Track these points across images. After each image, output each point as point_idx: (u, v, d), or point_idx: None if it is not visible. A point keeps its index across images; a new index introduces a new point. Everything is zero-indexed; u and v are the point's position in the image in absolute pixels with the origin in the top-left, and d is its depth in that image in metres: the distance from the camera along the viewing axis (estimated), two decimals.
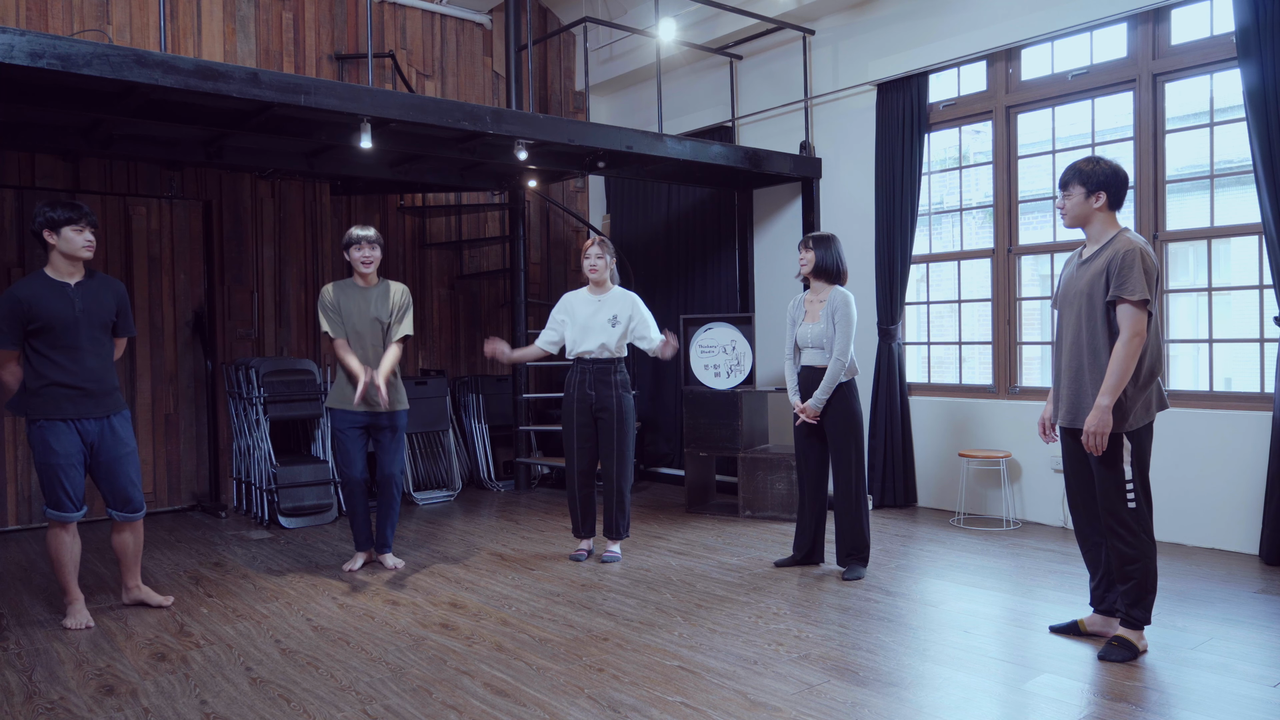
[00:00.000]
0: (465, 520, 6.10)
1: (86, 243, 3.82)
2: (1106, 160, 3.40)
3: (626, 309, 4.85)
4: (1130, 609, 3.33)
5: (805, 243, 4.62)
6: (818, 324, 4.51)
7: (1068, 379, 3.44)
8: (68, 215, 3.76)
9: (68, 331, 3.76)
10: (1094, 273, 3.34)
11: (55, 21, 5.88)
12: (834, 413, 4.46)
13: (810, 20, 6.54)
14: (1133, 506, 3.28)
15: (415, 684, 3.20)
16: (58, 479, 3.79)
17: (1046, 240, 5.66)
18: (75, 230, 3.78)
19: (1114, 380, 3.22)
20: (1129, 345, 3.22)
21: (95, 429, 3.87)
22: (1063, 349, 3.48)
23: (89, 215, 3.84)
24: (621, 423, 4.82)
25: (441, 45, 7.57)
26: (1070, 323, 3.44)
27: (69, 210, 3.77)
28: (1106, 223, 3.40)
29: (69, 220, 3.77)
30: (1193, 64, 4.92)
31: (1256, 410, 4.72)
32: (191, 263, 6.63)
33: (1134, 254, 3.24)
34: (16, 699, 3.14)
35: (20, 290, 3.73)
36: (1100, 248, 3.38)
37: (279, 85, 4.26)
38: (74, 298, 3.80)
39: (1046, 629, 3.63)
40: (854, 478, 4.46)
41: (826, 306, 4.50)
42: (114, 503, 3.98)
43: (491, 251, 7.93)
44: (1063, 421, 3.48)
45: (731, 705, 2.96)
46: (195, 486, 6.63)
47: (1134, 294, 3.21)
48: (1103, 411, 3.23)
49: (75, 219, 3.78)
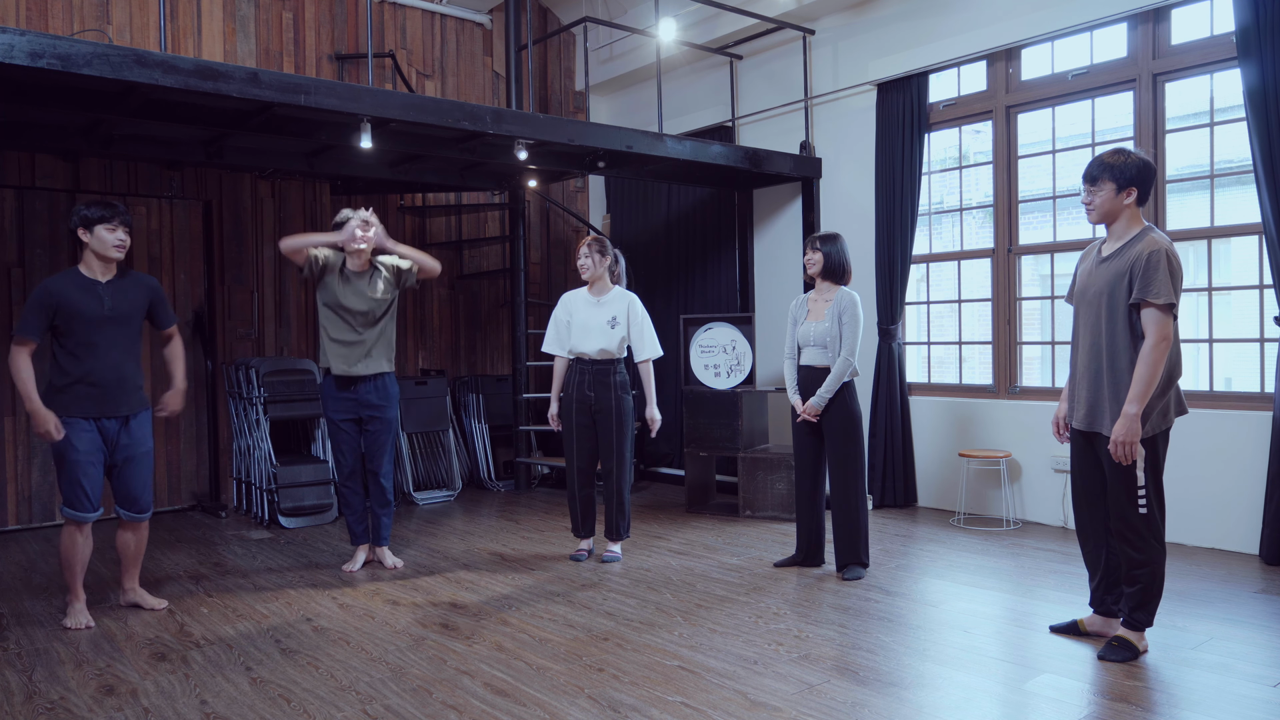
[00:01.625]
0: (465, 520, 6.10)
1: (118, 241, 3.86)
2: (1135, 153, 3.27)
3: (624, 310, 4.85)
4: (1134, 611, 3.31)
5: (812, 243, 4.59)
6: (822, 322, 4.49)
7: (1085, 381, 3.35)
8: (101, 214, 3.83)
9: (93, 328, 3.80)
10: (1115, 273, 3.25)
11: (55, 21, 5.88)
12: (834, 413, 4.46)
13: (810, 20, 6.54)
14: (1143, 512, 3.23)
15: (415, 684, 3.20)
16: (77, 478, 3.80)
17: (1047, 240, 5.66)
18: (108, 229, 3.83)
19: (1141, 387, 3.13)
20: (1155, 351, 3.12)
21: (115, 427, 3.89)
22: (1080, 349, 3.39)
23: (123, 214, 3.89)
24: (620, 423, 4.82)
25: (441, 45, 7.57)
26: (1088, 322, 3.35)
27: (103, 209, 3.84)
28: (1132, 219, 3.29)
29: (102, 219, 3.82)
30: (1193, 64, 4.92)
31: (1256, 410, 4.72)
32: (191, 263, 6.63)
33: (1160, 255, 3.14)
34: (16, 699, 3.14)
35: (52, 283, 3.80)
36: (1123, 245, 3.27)
37: (279, 85, 4.26)
38: (103, 295, 3.85)
39: (1046, 629, 3.63)
40: (853, 478, 4.45)
41: (833, 306, 4.49)
42: (122, 501, 4.00)
43: (491, 251, 7.93)
44: (1077, 423, 3.42)
45: (731, 705, 2.96)
46: (195, 486, 6.63)
47: (1160, 298, 3.11)
48: (1130, 420, 3.14)
49: (109, 217, 3.84)
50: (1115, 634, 3.37)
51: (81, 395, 3.80)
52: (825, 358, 4.47)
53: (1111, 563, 3.45)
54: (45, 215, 6.08)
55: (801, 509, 4.64)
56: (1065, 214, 5.58)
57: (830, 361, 4.45)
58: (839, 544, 4.50)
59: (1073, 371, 3.46)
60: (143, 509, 4.02)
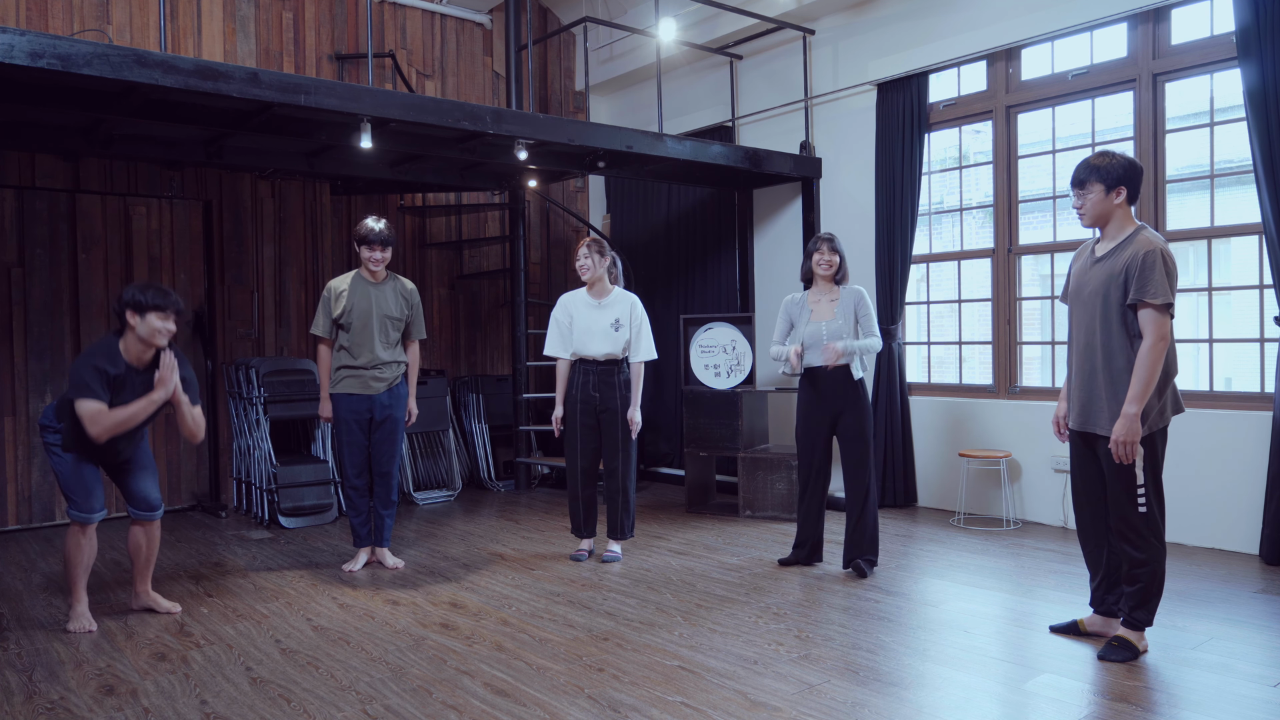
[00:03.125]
0: (465, 520, 6.10)
1: (166, 330, 3.76)
2: (1118, 154, 3.31)
3: (626, 312, 4.85)
4: (1134, 610, 3.31)
5: (830, 245, 4.55)
6: (834, 321, 4.48)
7: (1079, 381, 3.36)
8: (157, 302, 3.71)
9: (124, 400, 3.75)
10: (1110, 272, 3.25)
11: (55, 21, 5.88)
12: (852, 410, 4.46)
13: (810, 20, 6.54)
14: (1143, 511, 3.24)
15: (415, 684, 3.20)
16: (82, 480, 3.81)
17: (1047, 240, 5.66)
18: (160, 317, 3.73)
19: (1139, 387, 3.14)
20: (1154, 350, 3.13)
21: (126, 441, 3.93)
22: (1074, 349, 3.39)
23: (177, 305, 3.79)
24: (626, 422, 4.83)
25: (441, 45, 7.57)
26: (1083, 323, 3.35)
27: (159, 296, 3.72)
28: (1124, 219, 3.31)
29: (157, 308, 3.72)
30: (1193, 64, 4.92)
31: (1256, 410, 4.72)
32: (191, 263, 6.63)
33: (1155, 255, 3.15)
34: (16, 699, 3.14)
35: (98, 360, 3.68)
36: (1117, 245, 3.28)
37: (279, 85, 4.26)
38: (138, 386, 3.78)
39: (1046, 629, 3.63)
40: (869, 477, 4.45)
41: (843, 304, 4.50)
42: (133, 501, 4.01)
43: (491, 251, 7.93)
44: (1073, 424, 3.42)
45: (731, 705, 2.96)
46: (195, 486, 6.63)
47: (1157, 297, 3.12)
48: (1130, 420, 3.14)
49: (164, 307, 3.73)
50: (1115, 634, 3.37)
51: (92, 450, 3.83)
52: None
53: (1112, 562, 3.45)
54: (45, 215, 6.08)
55: (806, 506, 4.63)
56: (1065, 214, 5.57)
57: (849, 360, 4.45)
58: (856, 542, 4.48)
59: (1069, 372, 3.46)
60: (154, 506, 4.03)
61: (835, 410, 4.49)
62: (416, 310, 4.88)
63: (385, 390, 4.72)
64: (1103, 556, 3.48)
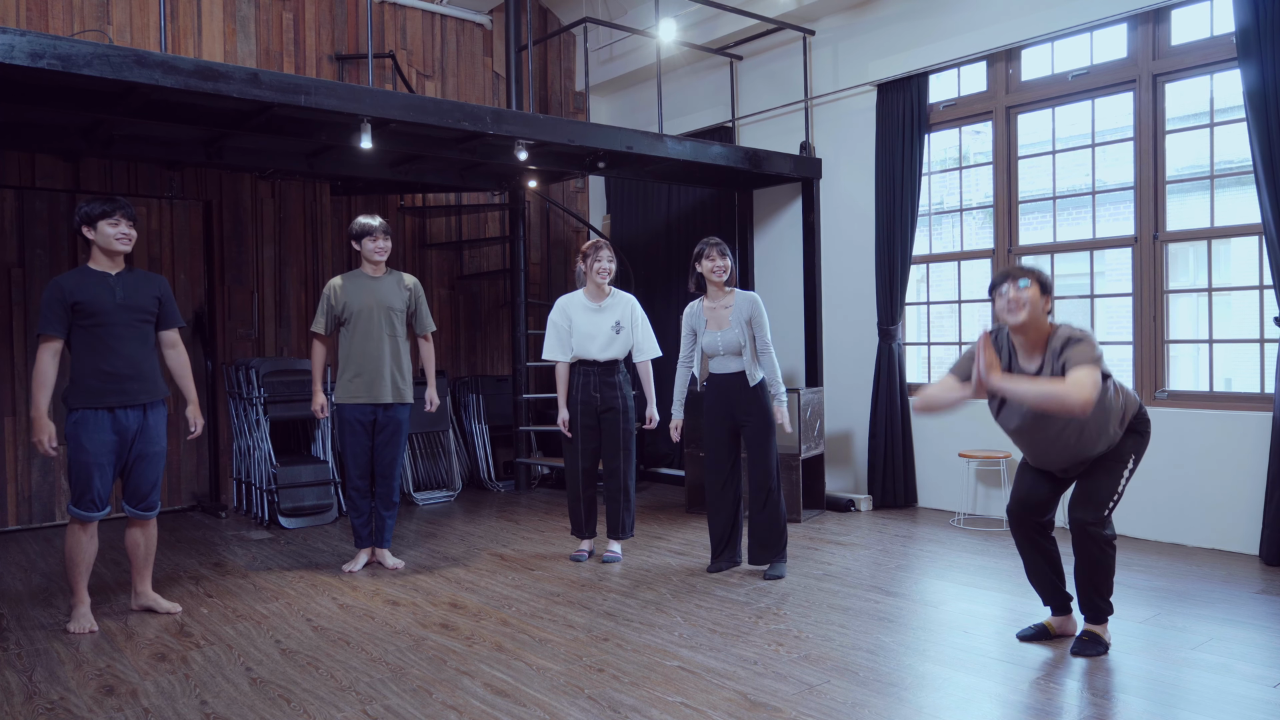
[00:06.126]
0: (465, 520, 6.10)
1: (121, 235, 3.88)
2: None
3: (628, 314, 4.85)
4: (1100, 600, 3.38)
5: (720, 249, 4.50)
6: (730, 330, 4.51)
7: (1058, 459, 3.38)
8: (103, 208, 3.84)
9: (108, 318, 3.83)
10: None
11: (55, 22, 5.88)
12: (755, 413, 4.51)
13: (810, 20, 6.54)
14: (1108, 513, 3.33)
15: (415, 684, 3.20)
16: (88, 476, 3.80)
17: (1047, 241, 5.66)
18: (110, 223, 3.85)
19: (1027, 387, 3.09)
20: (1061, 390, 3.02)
21: (135, 422, 3.90)
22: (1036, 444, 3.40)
23: (125, 207, 3.90)
24: (627, 421, 4.85)
25: (441, 45, 7.58)
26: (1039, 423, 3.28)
27: (104, 203, 3.86)
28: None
29: (104, 214, 3.84)
30: (1193, 64, 4.92)
31: (1256, 410, 4.72)
32: (191, 263, 6.64)
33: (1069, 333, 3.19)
34: (16, 699, 3.14)
35: (63, 279, 3.83)
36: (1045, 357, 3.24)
37: (279, 85, 4.26)
38: (114, 286, 3.87)
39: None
40: (772, 473, 4.50)
41: (737, 312, 4.52)
42: (130, 497, 4.01)
43: (491, 252, 7.93)
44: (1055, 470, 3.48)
45: (731, 705, 2.96)
46: (195, 486, 6.63)
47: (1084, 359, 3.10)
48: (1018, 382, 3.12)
49: (110, 211, 3.85)
50: (1084, 629, 3.44)
51: (99, 388, 3.81)
52: (740, 364, 4.52)
53: (1057, 563, 3.54)
54: (45, 215, 6.08)
55: (719, 511, 4.64)
56: (1065, 214, 5.58)
57: (746, 366, 4.50)
58: (762, 542, 4.52)
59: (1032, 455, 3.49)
60: (150, 505, 4.03)
61: (737, 414, 4.54)
62: (420, 301, 4.88)
63: (393, 396, 4.74)
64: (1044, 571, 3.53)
